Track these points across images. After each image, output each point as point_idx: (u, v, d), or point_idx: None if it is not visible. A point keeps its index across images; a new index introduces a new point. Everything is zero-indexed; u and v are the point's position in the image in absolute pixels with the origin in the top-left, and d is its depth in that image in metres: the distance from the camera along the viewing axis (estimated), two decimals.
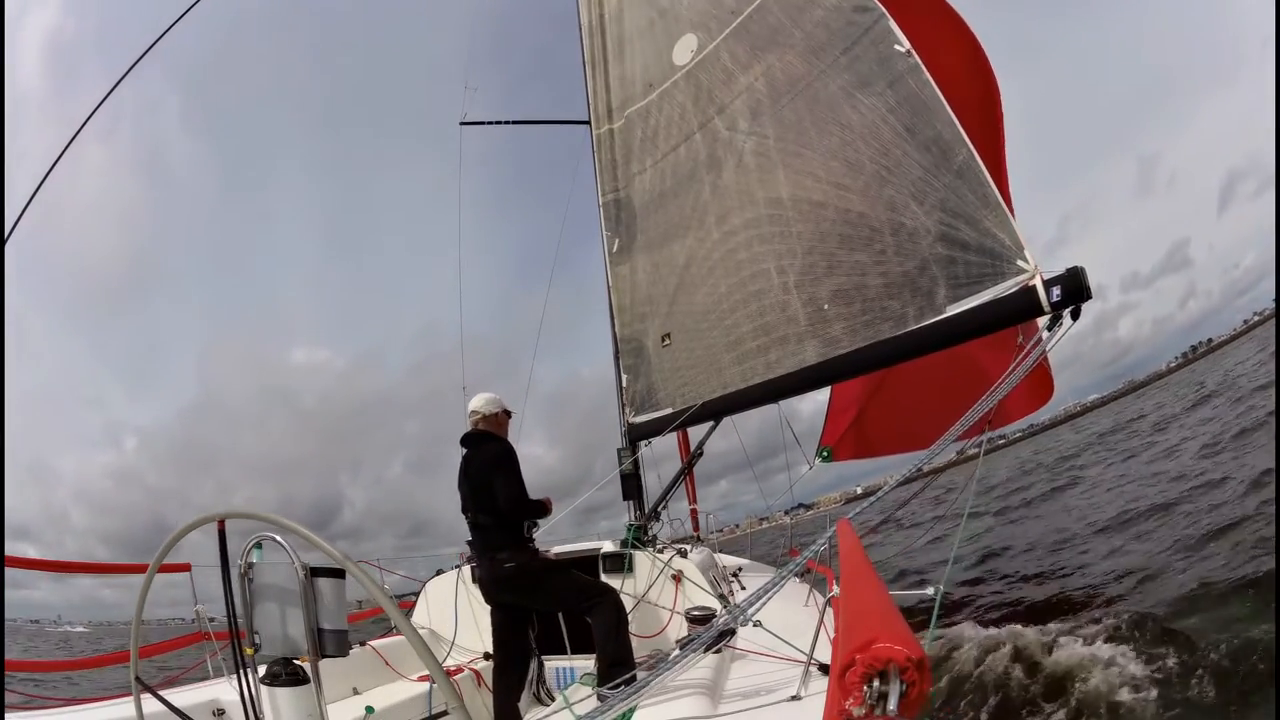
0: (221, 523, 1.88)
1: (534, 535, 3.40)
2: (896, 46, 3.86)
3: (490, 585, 3.36)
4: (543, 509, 3.41)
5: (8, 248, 3.58)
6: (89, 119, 4.26)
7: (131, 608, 2.09)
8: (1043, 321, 3.12)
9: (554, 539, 4.28)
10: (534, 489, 3.34)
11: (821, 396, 6.74)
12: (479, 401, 3.57)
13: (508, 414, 3.65)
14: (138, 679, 2.07)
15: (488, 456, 3.36)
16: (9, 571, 3.71)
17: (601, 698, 2.79)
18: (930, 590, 2.18)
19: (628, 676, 2.78)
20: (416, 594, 4.48)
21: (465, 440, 3.52)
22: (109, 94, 4.34)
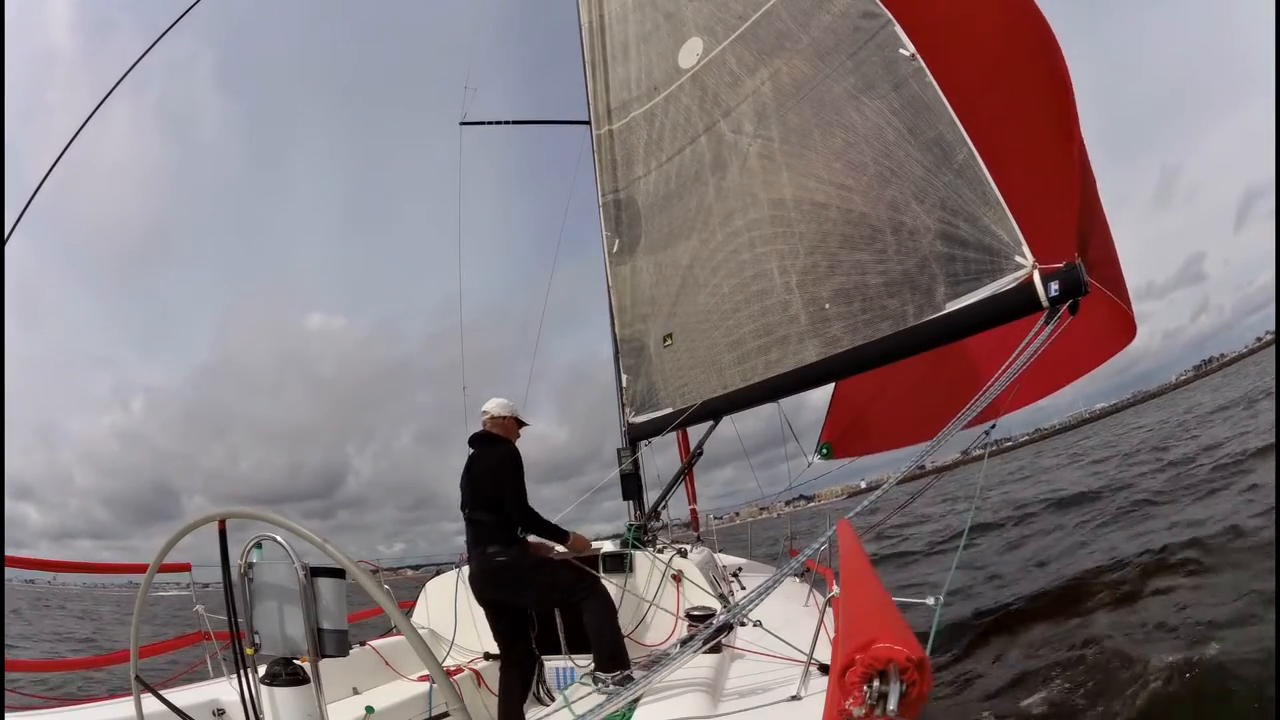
0: (222, 523, 1.88)
1: (526, 536, 3.42)
2: (901, 50, 3.87)
3: (479, 579, 3.37)
4: (556, 533, 3.49)
5: (20, 222, 3.55)
6: (109, 94, 4.18)
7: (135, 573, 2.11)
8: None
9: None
10: (543, 467, 3.40)
11: (828, 391, 6.72)
12: (492, 404, 3.67)
13: (519, 422, 3.72)
14: (138, 678, 2.07)
15: (494, 457, 3.43)
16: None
17: (598, 680, 2.95)
18: (930, 600, 2.16)
19: (626, 674, 2.87)
20: (416, 567, 4.49)
21: (473, 440, 3.59)
22: (126, 74, 4.27)
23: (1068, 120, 3.54)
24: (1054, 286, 3.04)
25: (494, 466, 3.38)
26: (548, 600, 3.53)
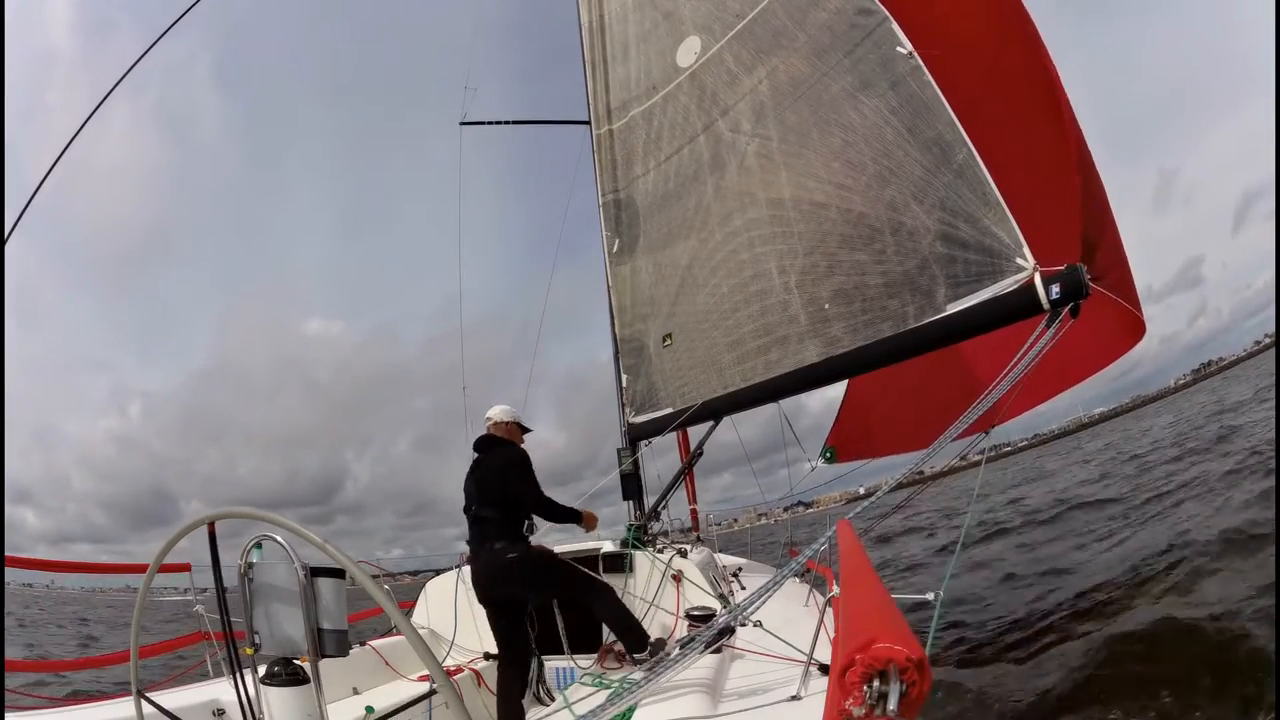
0: (212, 525, 1.88)
1: (532, 532, 3.47)
2: (899, 48, 3.86)
3: (485, 577, 3.41)
4: (571, 514, 3.59)
5: (20, 222, 3.55)
6: (109, 94, 4.17)
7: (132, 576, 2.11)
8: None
9: (559, 535, 4.30)
10: (541, 473, 3.53)
11: (830, 393, 6.68)
12: (495, 411, 3.81)
13: (522, 428, 3.84)
14: (139, 692, 2.07)
15: (502, 458, 3.52)
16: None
17: (636, 661, 3.18)
18: (929, 595, 2.16)
19: (653, 642, 3.18)
20: (414, 572, 4.50)
21: (478, 444, 3.66)
22: (125, 75, 4.26)
23: (1063, 122, 3.54)
24: (1055, 289, 3.02)
25: (503, 466, 3.46)
26: (553, 592, 3.65)
